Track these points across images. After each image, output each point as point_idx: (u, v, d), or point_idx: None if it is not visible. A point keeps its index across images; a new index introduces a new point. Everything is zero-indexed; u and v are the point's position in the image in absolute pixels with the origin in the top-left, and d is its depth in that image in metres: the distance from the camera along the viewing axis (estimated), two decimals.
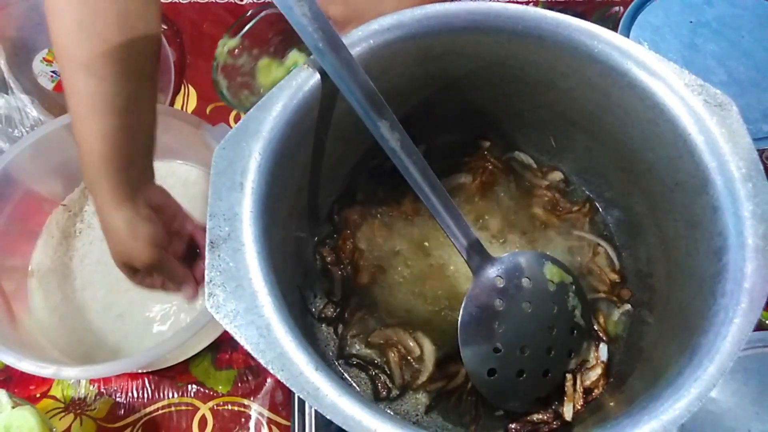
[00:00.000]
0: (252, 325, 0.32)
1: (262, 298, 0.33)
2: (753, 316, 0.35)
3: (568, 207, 0.59)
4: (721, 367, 0.34)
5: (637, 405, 0.35)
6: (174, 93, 0.79)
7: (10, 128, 0.70)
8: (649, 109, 0.43)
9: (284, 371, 0.31)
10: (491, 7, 0.45)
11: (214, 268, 0.33)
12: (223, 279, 0.33)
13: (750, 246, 0.37)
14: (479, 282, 0.45)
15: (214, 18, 0.85)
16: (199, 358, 0.66)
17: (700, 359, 0.34)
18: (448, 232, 0.44)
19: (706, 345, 0.35)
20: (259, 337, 0.32)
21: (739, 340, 0.34)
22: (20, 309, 0.64)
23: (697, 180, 0.41)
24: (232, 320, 0.32)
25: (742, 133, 0.40)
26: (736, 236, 0.37)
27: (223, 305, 0.32)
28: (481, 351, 0.45)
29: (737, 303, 0.35)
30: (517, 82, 0.51)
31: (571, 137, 0.55)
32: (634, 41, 0.43)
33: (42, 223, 0.69)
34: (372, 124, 0.41)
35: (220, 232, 0.34)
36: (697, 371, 0.34)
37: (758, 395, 0.62)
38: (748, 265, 0.36)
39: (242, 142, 0.38)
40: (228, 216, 0.35)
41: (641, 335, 0.51)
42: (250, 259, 0.34)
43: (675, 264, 0.46)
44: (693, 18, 0.82)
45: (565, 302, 0.48)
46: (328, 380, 0.32)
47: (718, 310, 0.36)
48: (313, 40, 0.38)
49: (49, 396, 0.64)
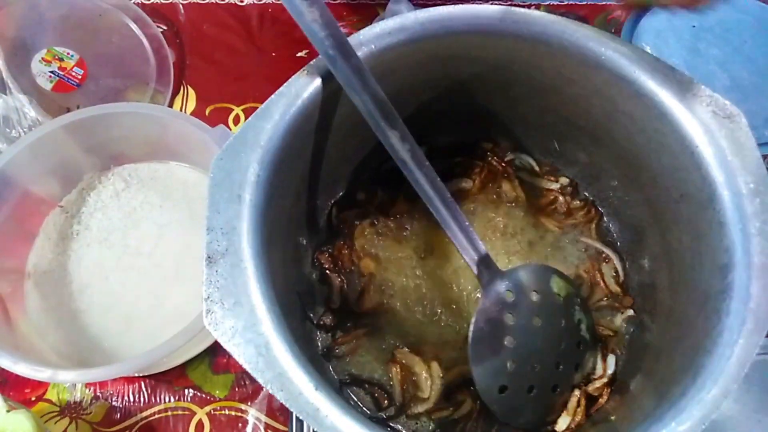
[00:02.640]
0: (251, 344, 0.32)
1: (261, 315, 0.33)
2: (758, 338, 0.34)
3: (572, 212, 0.58)
4: (725, 389, 0.34)
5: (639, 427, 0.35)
6: (173, 94, 0.78)
7: (8, 128, 0.69)
8: (656, 118, 0.43)
9: (283, 391, 0.31)
10: (495, 11, 0.45)
11: (212, 284, 0.33)
12: (221, 295, 0.33)
13: (756, 265, 0.36)
14: (489, 297, 0.45)
15: (214, 19, 0.84)
16: (196, 361, 0.66)
17: (703, 381, 0.34)
18: (458, 246, 0.43)
19: (710, 366, 0.35)
20: (257, 356, 0.31)
21: (744, 361, 0.34)
22: (16, 311, 0.63)
23: (703, 193, 0.40)
24: (230, 338, 0.32)
25: (751, 146, 0.39)
26: (742, 254, 0.37)
27: (221, 322, 0.32)
28: (493, 366, 0.44)
29: (742, 323, 0.35)
30: (521, 86, 0.50)
31: (576, 142, 0.55)
32: (639, 47, 0.43)
33: (39, 225, 0.68)
34: (382, 134, 0.40)
35: (217, 247, 0.34)
36: (700, 393, 0.34)
37: (760, 403, 0.62)
38: (754, 284, 0.36)
39: (240, 152, 0.37)
40: (226, 230, 0.34)
41: (643, 345, 0.50)
42: (248, 275, 0.33)
43: (679, 276, 0.46)
44: (696, 22, 0.81)
45: (571, 316, 0.48)
46: (328, 400, 0.31)
47: (722, 330, 0.36)
48: (324, 47, 0.38)
49: (44, 399, 0.64)
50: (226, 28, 0.83)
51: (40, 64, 0.74)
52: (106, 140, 0.67)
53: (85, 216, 0.69)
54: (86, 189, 0.69)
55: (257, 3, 0.86)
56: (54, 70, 0.74)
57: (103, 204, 0.69)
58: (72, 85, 0.74)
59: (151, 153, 0.71)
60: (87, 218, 0.68)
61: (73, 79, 0.74)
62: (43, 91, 0.73)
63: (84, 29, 0.76)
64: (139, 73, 0.77)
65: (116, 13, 0.77)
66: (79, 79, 0.75)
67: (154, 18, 0.80)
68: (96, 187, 0.69)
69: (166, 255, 0.66)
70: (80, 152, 0.67)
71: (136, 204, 0.69)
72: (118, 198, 0.69)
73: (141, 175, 0.71)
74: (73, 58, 0.75)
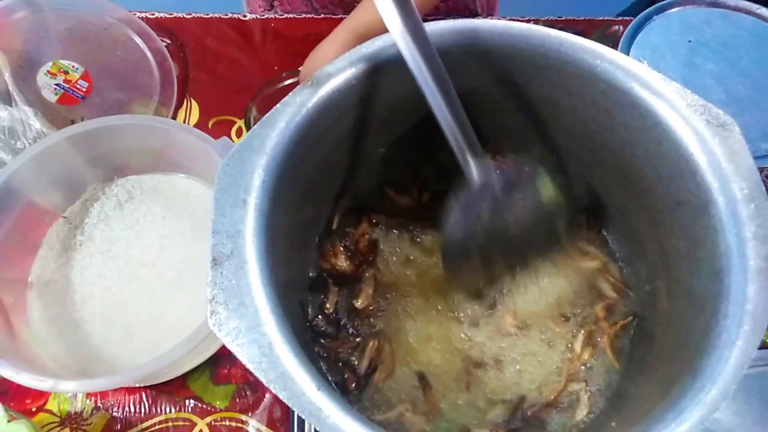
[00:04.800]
0: (254, 344, 0.32)
1: (264, 316, 0.33)
2: (756, 339, 0.35)
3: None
4: (724, 390, 0.34)
5: (638, 428, 0.35)
6: (176, 107, 0.79)
7: (13, 140, 0.70)
8: (652, 128, 0.44)
9: (286, 391, 0.31)
10: (495, 26, 0.46)
11: (217, 286, 0.33)
12: (226, 297, 0.33)
13: (752, 267, 0.37)
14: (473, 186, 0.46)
15: (218, 33, 0.85)
16: (197, 372, 0.66)
17: (702, 382, 0.34)
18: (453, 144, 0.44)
19: (709, 367, 0.35)
20: (261, 356, 0.32)
21: (742, 362, 0.34)
22: (19, 321, 0.64)
23: (699, 200, 0.41)
24: (234, 338, 0.32)
25: (744, 153, 0.40)
26: (738, 257, 0.37)
27: (225, 323, 0.32)
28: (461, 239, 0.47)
29: (740, 325, 0.35)
30: (519, 99, 0.51)
31: (573, 153, 0.55)
32: (634, 59, 0.44)
33: (42, 235, 0.69)
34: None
35: (223, 249, 0.34)
36: (699, 394, 0.34)
37: (760, 415, 0.62)
38: (751, 286, 0.36)
39: (246, 158, 0.38)
40: (231, 233, 0.35)
41: (643, 349, 0.51)
42: (252, 277, 0.34)
43: (676, 282, 0.46)
44: (692, 37, 0.83)
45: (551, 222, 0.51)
46: (330, 400, 0.31)
47: (720, 332, 0.36)
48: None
49: (45, 410, 0.64)
50: (229, 42, 0.85)
51: (46, 76, 0.75)
52: (109, 152, 0.68)
53: (89, 227, 0.69)
54: (90, 200, 0.70)
55: (260, 17, 0.87)
56: (59, 83, 0.75)
57: (106, 215, 0.69)
58: (77, 97, 0.75)
59: (154, 165, 0.71)
60: (90, 229, 0.69)
61: (78, 92, 0.75)
62: (48, 104, 0.74)
63: (89, 43, 0.78)
64: (143, 85, 0.78)
65: (121, 26, 0.79)
66: (84, 91, 0.76)
67: (159, 32, 0.81)
68: (99, 199, 0.70)
69: (168, 266, 0.67)
70: (84, 164, 0.68)
71: (139, 215, 0.69)
72: (121, 209, 0.70)
73: (144, 187, 0.71)
74: (78, 71, 0.76)
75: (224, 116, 0.80)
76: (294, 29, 0.86)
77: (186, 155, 0.68)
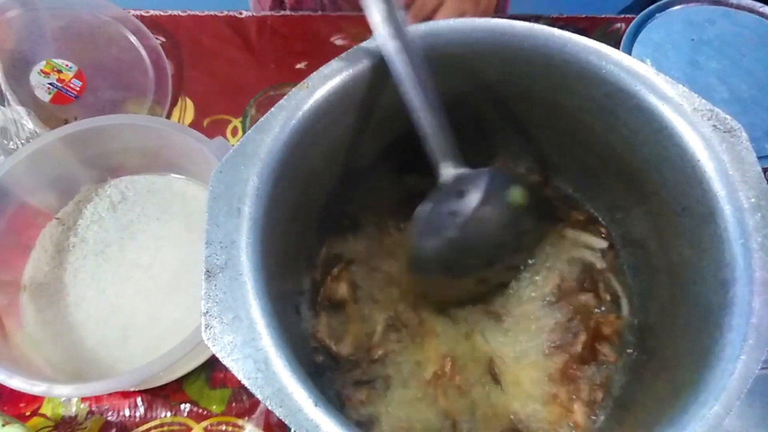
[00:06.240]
0: (249, 359, 0.31)
1: (260, 330, 0.32)
2: (760, 353, 0.34)
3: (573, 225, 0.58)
4: (727, 405, 0.33)
5: None
6: (171, 105, 0.78)
7: (6, 140, 0.69)
8: (657, 132, 0.43)
9: (283, 407, 0.30)
10: (497, 24, 0.45)
11: (211, 299, 0.32)
12: (220, 310, 0.32)
13: (758, 279, 0.36)
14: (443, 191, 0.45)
15: (213, 31, 0.84)
16: (193, 376, 0.65)
17: (706, 397, 0.34)
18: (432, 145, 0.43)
19: (713, 382, 0.34)
20: (256, 372, 0.31)
21: (746, 377, 0.34)
22: (12, 324, 0.63)
23: (705, 207, 0.40)
24: (229, 354, 0.31)
25: (752, 161, 0.39)
26: (744, 268, 0.37)
27: (219, 337, 0.32)
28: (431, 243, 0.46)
29: (744, 339, 0.35)
30: (522, 99, 0.50)
31: (577, 155, 0.55)
32: (636, 58, 0.43)
33: (35, 237, 0.68)
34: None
35: (216, 261, 0.33)
36: (702, 409, 0.33)
37: (762, 418, 0.61)
38: (756, 299, 0.36)
39: (240, 165, 0.37)
40: (225, 244, 0.34)
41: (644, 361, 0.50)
42: (247, 289, 0.33)
43: (680, 290, 0.45)
44: (695, 36, 0.82)
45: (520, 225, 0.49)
46: (328, 416, 0.31)
47: (724, 345, 0.35)
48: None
49: (39, 414, 0.63)
50: (224, 40, 0.83)
51: (39, 75, 0.73)
52: (103, 152, 0.67)
53: (82, 228, 0.68)
54: (83, 201, 0.69)
55: (256, 15, 0.86)
56: (52, 82, 0.74)
57: (99, 216, 0.68)
58: (70, 96, 0.74)
59: (148, 165, 0.70)
60: (83, 231, 0.68)
61: (72, 91, 0.74)
62: (42, 103, 0.73)
63: (83, 41, 0.76)
64: (137, 84, 0.77)
65: (115, 25, 0.77)
66: (78, 90, 0.74)
67: (153, 30, 0.80)
68: (93, 200, 0.69)
69: (163, 268, 0.66)
70: (78, 164, 0.67)
71: (133, 216, 0.68)
72: (115, 210, 0.69)
73: (138, 188, 0.70)
74: (72, 70, 0.75)
75: (220, 115, 0.79)
76: (291, 27, 0.85)
77: (181, 155, 0.67)
